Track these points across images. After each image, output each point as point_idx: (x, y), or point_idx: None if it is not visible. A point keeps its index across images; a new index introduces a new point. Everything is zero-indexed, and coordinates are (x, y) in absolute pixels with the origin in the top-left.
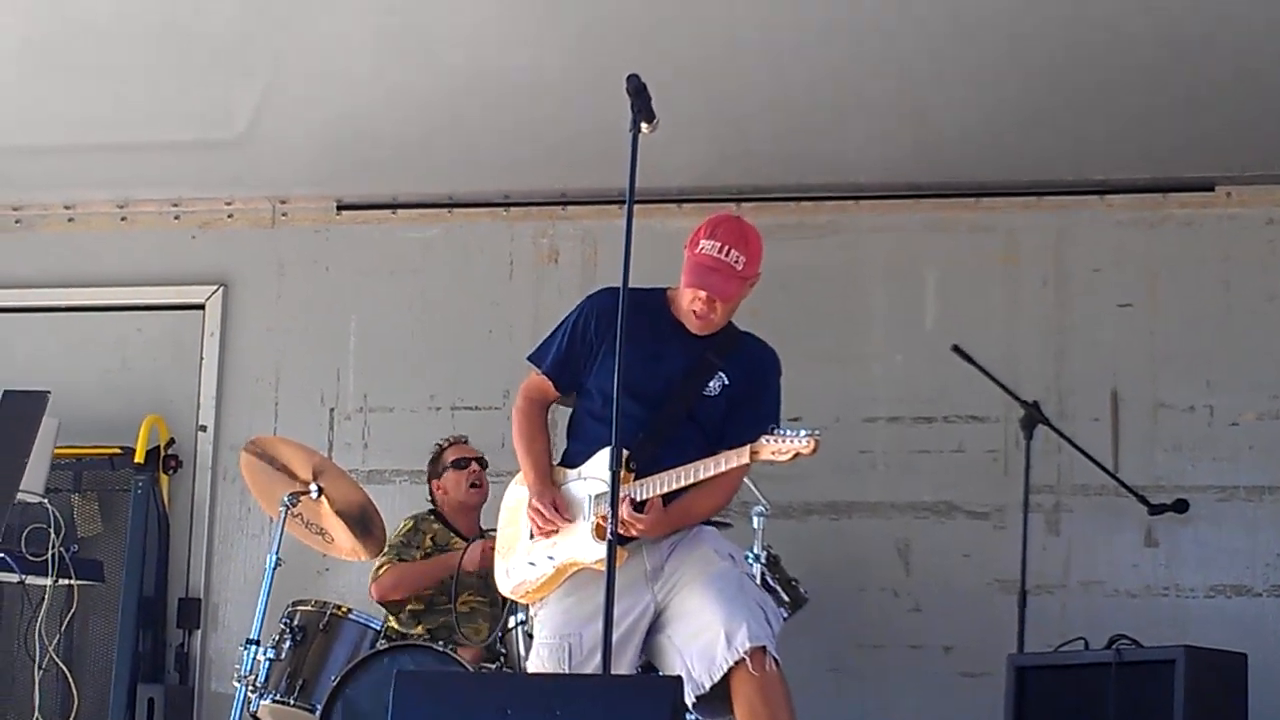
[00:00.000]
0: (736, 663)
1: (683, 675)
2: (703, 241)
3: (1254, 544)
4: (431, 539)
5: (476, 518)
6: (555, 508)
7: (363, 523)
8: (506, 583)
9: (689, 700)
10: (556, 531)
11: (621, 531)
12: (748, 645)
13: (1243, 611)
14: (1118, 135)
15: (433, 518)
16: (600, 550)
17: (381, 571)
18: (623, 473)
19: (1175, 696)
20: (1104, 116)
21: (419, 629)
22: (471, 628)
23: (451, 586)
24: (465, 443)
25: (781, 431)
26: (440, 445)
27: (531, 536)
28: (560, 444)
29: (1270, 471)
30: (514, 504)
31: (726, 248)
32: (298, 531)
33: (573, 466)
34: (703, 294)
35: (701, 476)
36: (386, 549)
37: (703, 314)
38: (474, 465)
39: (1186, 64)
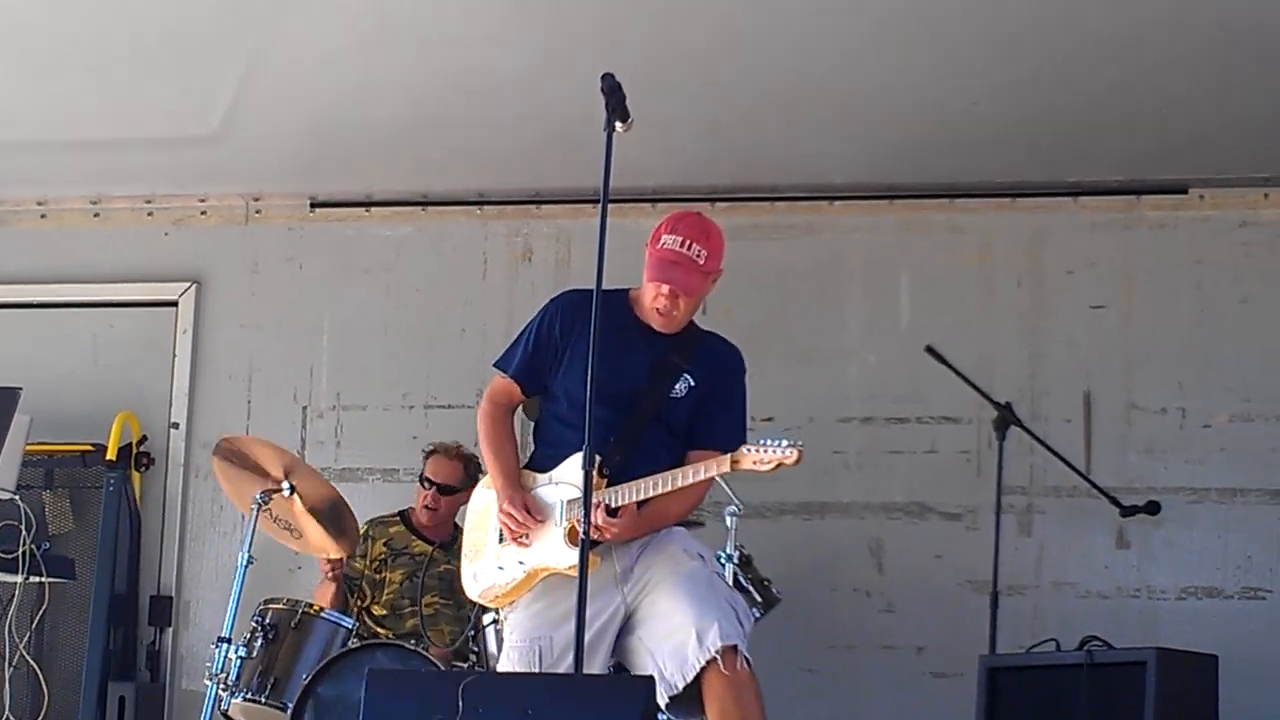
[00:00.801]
0: (708, 662)
1: (655, 676)
2: (664, 237)
3: (1225, 546)
4: (386, 544)
5: (449, 526)
6: (527, 510)
7: (335, 520)
8: (474, 587)
9: (662, 701)
10: (529, 532)
11: (595, 536)
12: (719, 644)
13: (1214, 613)
14: (1091, 137)
15: (397, 519)
16: (572, 555)
17: (315, 588)
18: (596, 479)
19: (1146, 698)
20: (1077, 119)
21: (384, 633)
22: (435, 631)
23: (416, 591)
24: (450, 456)
25: (763, 441)
26: (424, 451)
27: (500, 540)
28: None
29: (1242, 474)
30: (481, 507)
31: (688, 242)
32: (269, 529)
33: (542, 471)
34: (665, 289)
35: (679, 485)
36: None
37: (666, 310)
38: (433, 491)
39: (1160, 67)
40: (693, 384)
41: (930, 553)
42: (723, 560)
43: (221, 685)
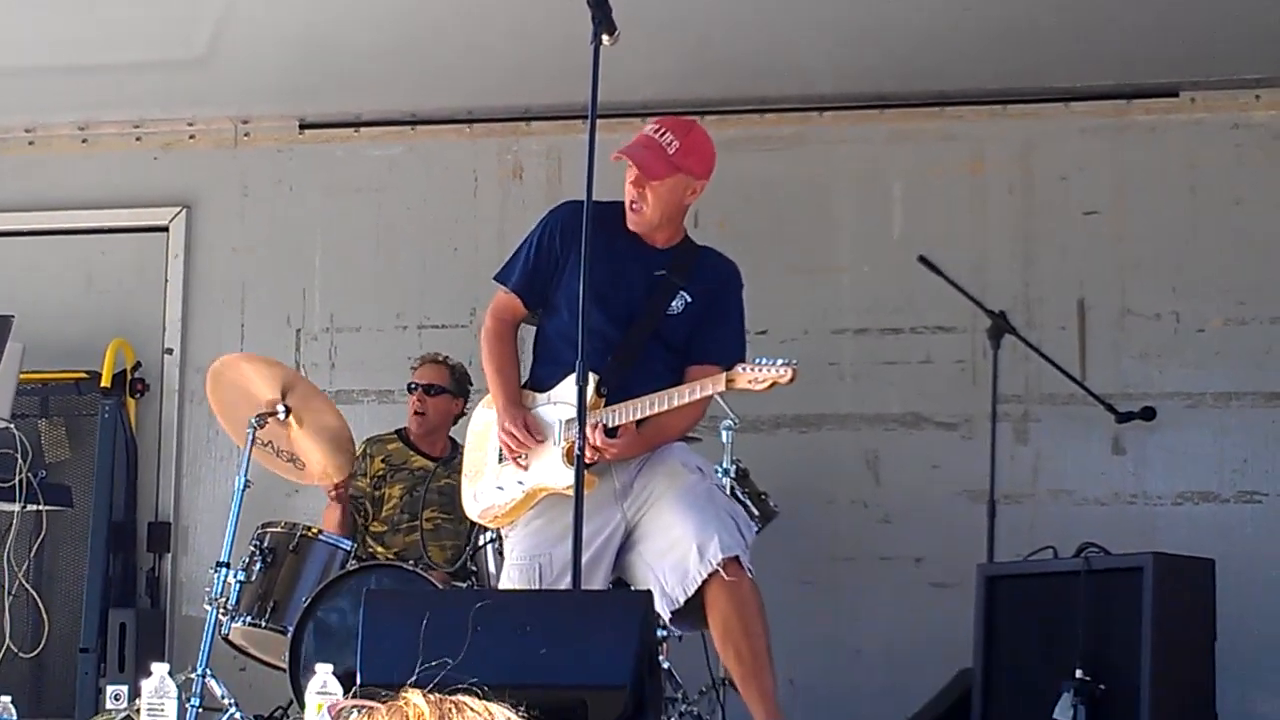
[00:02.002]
0: (710, 574)
1: (656, 591)
2: (646, 127)
3: (1221, 450)
4: (384, 460)
5: (442, 437)
6: (527, 429)
7: (336, 442)
8: (474, 506)
9: (665, 615)
10: (529, 450)
11: (595, 457)
12: (720, 556)
13: (1210, 517)
14: (1082, 42)
15: (395, 436)
16: (571, 475)
17: (323, 512)
18: (594, 398)
19: (1144, 602)
20: (1068, 23)
21: (381, 550)
22: (436, 545)
23: (415, 506)
24: (437, 361)
25: (758, 360)
26: (412, 366)
27: (500, 460)
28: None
29: (1237, 378)
30: (481, 427)
31: (663, 130)
32: (268, 461)
33: (540, 390)
34: (632, 174)
35: (675, 404)
36: None
37: (635, 200)
38: (418, 392)
39: None
40: (689, 300)
41: (927, 463)
42: (720, 474)
43: (221, 610)
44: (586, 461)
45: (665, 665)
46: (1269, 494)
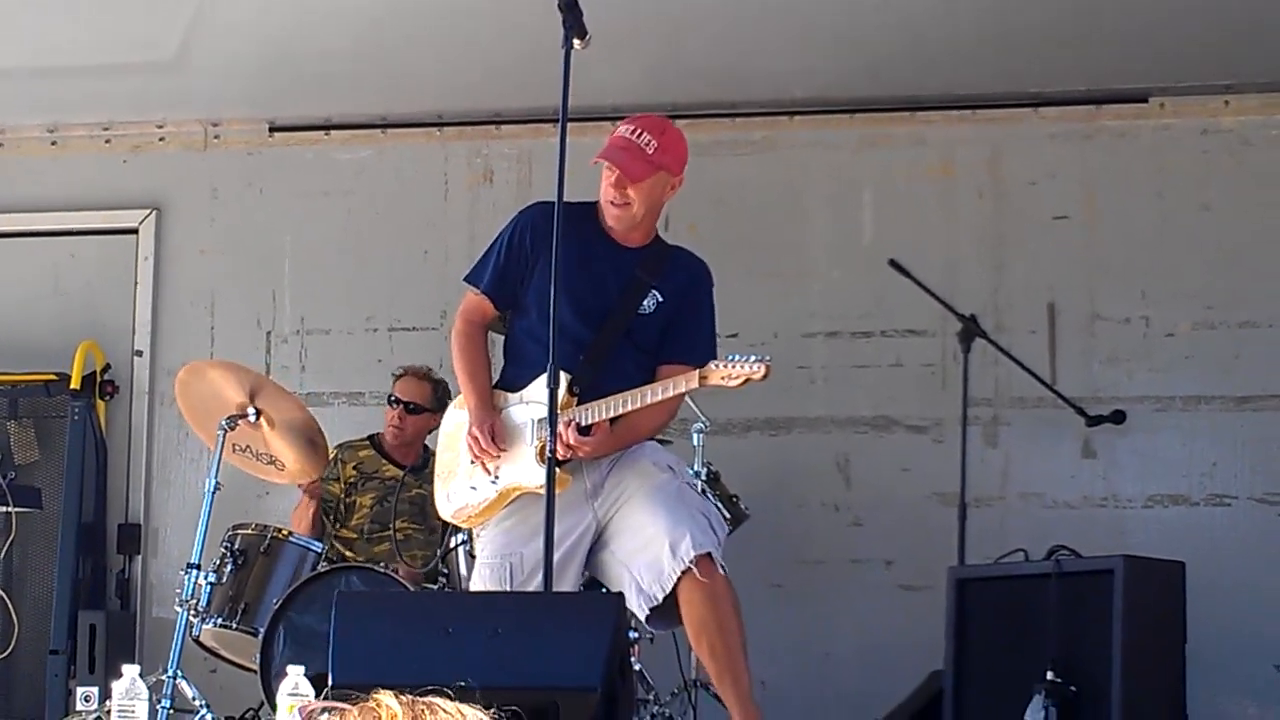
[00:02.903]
0: (684, 572)
1: (632, 589)
2: (620, 127)
3: (1190, 453)
4: (355, 467)
5: (417, 448)
6: (493, 435)
7: (308, 439)
8: (447, 507)
9: (641, 614)
10: (495, 458)
11: (568, 455)
12: (692, 554)
13: (1180, 520)
14: (1051, 47)
15: (366, 443)
16: (543, 474)
17: (292, 510)
18: (566, 397)
19: (1114, 605)
20: (1038, 29)
21: (351, 556)
22: (406, 555)
23: (387, 516)
24: (420, 376)
25: (731, 357)
26: (394, 374)
27: (473, 461)
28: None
29: (1206, 381)
30: (453, 429)
31: (640, 131)
32: (248, 465)
33: (512, 390)
34: (613, 176)
35: (648, 401)
36: None
37: (618, 202)
38: (399, 409)
39: None
40: (661, 299)
41: (897, 466)
42: (691, 476)
43: (192, 612)
44: (560, 459)
45: (637, 667)
46: (1238, 497)
